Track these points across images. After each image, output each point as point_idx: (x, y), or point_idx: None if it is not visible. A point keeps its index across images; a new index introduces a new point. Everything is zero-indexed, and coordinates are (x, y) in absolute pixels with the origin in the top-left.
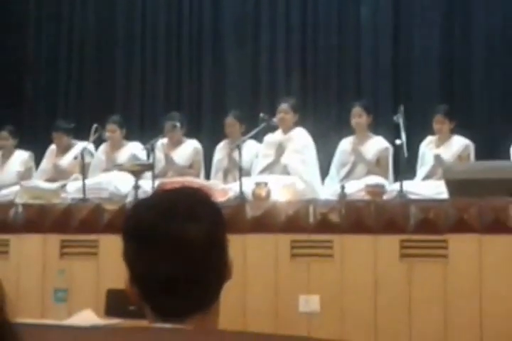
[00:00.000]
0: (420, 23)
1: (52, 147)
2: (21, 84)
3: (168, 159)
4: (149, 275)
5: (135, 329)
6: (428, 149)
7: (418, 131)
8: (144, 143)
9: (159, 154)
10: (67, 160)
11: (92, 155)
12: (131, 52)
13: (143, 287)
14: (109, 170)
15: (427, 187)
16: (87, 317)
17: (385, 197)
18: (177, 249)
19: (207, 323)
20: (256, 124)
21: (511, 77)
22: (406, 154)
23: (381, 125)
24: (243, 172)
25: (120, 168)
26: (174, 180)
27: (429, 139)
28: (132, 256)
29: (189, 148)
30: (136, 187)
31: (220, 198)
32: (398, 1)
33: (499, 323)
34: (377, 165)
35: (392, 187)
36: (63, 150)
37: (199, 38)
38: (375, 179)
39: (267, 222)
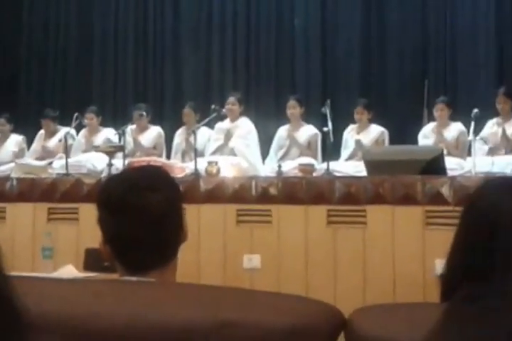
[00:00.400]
0: (343, 30)
1: (41, 132)
2: (16, 80)
3: (136, 142)
4: (118, 236)
5: (107, 281)
6: (350, 135)
7: (342, 120)
8: (116, 128)
9: (129, 138)
10: (53, 142)
11: (73, 138)
12: (106, 54)
13: (113, 246)
14: (88, 150)
15: (349, 166)
16: (69, 271)
17: (314, 174)
18: (139, 215)
19: (166, 276)
20: (208, 114)
21: (419, 75)
22: (332, 139)
23: (311, 115)
24: (198, 153)
25: (96, 149)
26: (141, 159)
27: (351, 127)
28: (104, 221)
29: (153, 133)
30: (110, 164)
31: (178, 174)
32: (325, 12)
33: (408, 276)
34: (308, 148)
35: (320, 166)
36: (50, 134)
37: (162, 41)
38: (306, 159)
39: (217, 194)
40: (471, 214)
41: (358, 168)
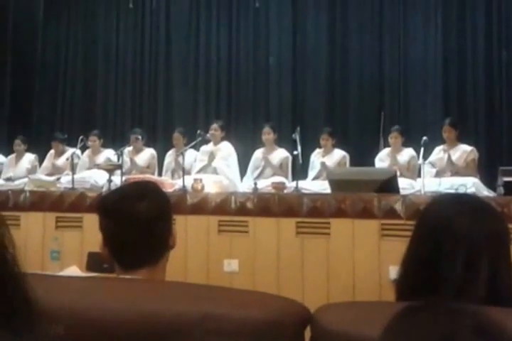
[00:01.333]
0: (311, 67)
1: (51, 151)
2: (30, 108)
3: (133, 162)
4: (113, 238)
5: (105, 278)
6: (316, 158)
7: (309, 145)
8: (115, 149)
9: (126, 158)
10: (61, 160)
11: (79, 157)
12: (107, 86)
13: (110, 247)
14: (91, 168)
15: (315, 184)
16: (73, 271)
17: (285, 191)
18: (129, 219)
19: (155, 275)
20: (195, 138)
21: (376, 107)
22: (301, 161)
23: (283, 140)
24: (185, 171)
25: (98, 167)
26: (136, 176)
27: (317, 151)
28: (103, 226)
29: (147, 154)
30: (109, 180)
31: (168, 189)
32: (295, 52)
33: (366, 279)
34: (280, 169)
35: (290, 184)
36: (59, 154)
37: (155, 77)
38: (278, 178)
39: (202, 207)
40: (420, 229)
41: (323, 186)
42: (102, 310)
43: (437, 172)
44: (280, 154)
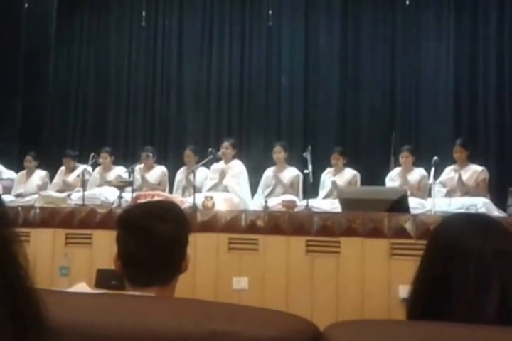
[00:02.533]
0: (323, 86)
1: (62, 168)
2: (41, 125)
3: (143, 179)
4: (127, 254)
5: (114, 295)
6: (327, 177)
7: (320, 164)
8: (126, 167)
9: (137, 175)
10: (72, 177)
11: (89, 174)
12: (119, 105)
13: (123, 261)
14: (102, 185)
15: (326, 203)
16: (82, 287)
17: (296, 209)
18: (151, 240)
19: (164, 293)
20: (206, 156)
21: (387, 127)
22: (311, 180)
23: (294, 159)
24: (196, 189)
25: (109, 184)
26: (147, 193)
27: (328, 170)
28: (120, 239)
29: (158, 171)
30: (120, 197)
31: None
32: (307, 71)
33: (375, 298)
34: (291, 187)
35: (301, 203)
36: (70, 170)
37: (167, 95)
38: (289, 197)
39: (212, 224)
40: (431, 248)
41: (333, 205)
42: (110, 326)
43: (448, 192)
44: (291, 173)
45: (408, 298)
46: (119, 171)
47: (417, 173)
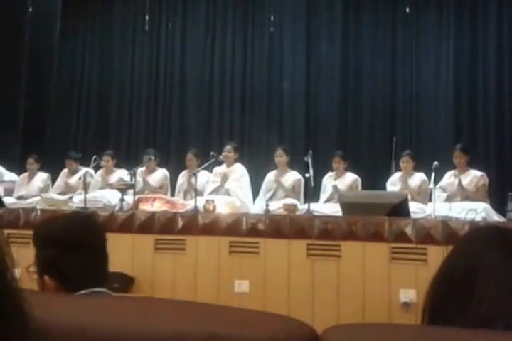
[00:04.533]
0: (324, 91)
1: (65, 170)
2: (44, 127)
3: (145, 182)
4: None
5: (106, 296)
6: (328, 181)
7: (321, 168)
8: (128, 169)
9: (139, 178)
10: (74, 179)
11: (92, 177)
12: (122, 107)
13: None
14: (104, 188)
15: (327, 207)
16: None
17: (297, 213)
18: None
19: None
20: (208, 159)
21: (388, 132)
22: (313, 184)
23: (296, 163)
24: (197, 192)
25: (111, 186)
26: (149, 196)
27: (329, 174)
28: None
29: (160, 174)
30: (122, 200)
31: (180, 210)
32: (308, 76)
33: (376, 301)
34: (292, 191)
35: (302, 207)
36: (72, 172)
37: (170, 98)
38: (290, 200)
39: (213, 227)
40: (457, 256)
41: (334, 209)
42: (107, 329)
43: (448, 196)
44: (292, 176)
45: (426, 300)
46: (121, 174)
47: (418, 178)
